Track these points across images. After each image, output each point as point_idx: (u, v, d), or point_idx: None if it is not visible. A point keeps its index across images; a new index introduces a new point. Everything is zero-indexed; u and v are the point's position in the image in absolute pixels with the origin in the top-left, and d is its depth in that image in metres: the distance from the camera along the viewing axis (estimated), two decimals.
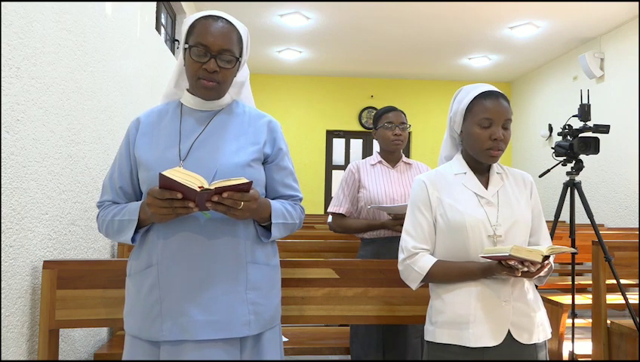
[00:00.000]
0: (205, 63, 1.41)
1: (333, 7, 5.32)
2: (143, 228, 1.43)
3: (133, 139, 1.49)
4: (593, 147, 2.87)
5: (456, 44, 6.47)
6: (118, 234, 1.44)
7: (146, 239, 1.45)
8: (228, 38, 1.42)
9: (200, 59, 1.41)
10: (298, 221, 1.57)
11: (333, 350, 2.64)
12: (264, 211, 1.44)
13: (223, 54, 1.42)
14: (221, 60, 1.42)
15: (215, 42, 1.40)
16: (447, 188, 1.57)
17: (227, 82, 1.47)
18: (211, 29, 1.41)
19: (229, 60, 1.43)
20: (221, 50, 1.41)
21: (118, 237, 1.45)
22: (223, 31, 1.42)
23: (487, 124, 1.51)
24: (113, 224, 1.44)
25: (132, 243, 1.44)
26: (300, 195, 1.60)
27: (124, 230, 1.42)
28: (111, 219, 1.45)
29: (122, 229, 1.42)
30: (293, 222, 1.53)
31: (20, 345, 1.91)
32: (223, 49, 1.41)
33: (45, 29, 2.05)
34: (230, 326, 1.38)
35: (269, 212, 1.45)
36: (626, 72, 5.55)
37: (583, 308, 3.35)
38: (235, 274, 1.41)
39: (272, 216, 1.45)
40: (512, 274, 1.38)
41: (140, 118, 1.53)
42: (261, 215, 1.44)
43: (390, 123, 2.50)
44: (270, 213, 1.45)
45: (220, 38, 1.41)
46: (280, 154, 1.55)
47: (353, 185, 2.51)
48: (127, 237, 1.42)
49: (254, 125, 1.53)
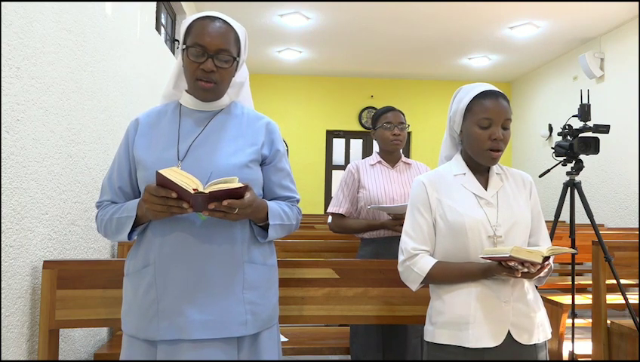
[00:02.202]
0: (203, 63, 1.41)
1: (333, 7, 5.32)
2: (141, 226, 1.44)
3: (132, 140, 1.50)
4: (593, 147, 2.87)
5: (456, 44, 6.47)
6: (117, 232, 1.45)
7: (143, 239, 1.46)
8: (225, 38, 1.43)
9: (197, 60, 1.41)
10: (295, 222, 1.57)
11: (333, 350, 2.64)
12: (260, 212, 1.44)
13: (220, 54, 1.42)
14: (218, 60, 1.42)
15: (212, 42, 1.41)
16: (446, 189, 1.57)
17: (225, 82, 1.47)
18: (208, 29, 1.42)
19: (227, 60, 1.43)
20: (218, 50, 1.41)
21: (117, 235, 1.45)
22: (220, 31, 1.42)
23: (486, 123, 1.51)
24: (112, 222, 1.45)
25: (129, 240, 1.44)
26: (297, 196, 1.60)
27: (122, 227, 1.42)
28: (109, 217, 1.46)
29: (120, 227, 1.43)
30: (290, 223, 1.54)
31: (20, 345, 1.91)
32: (220, 49, 1.41)
33: (45, 29, 2.05)
34: (227, 325, 1.38)
35: (265, 212, 1.45)
36: (626, 72, 5.55)
37: (583, 308, 3.35)
38: (232, 274, 1.41)
39: (268, 217, 1.45)
40: (512, 274, 1.38)
41: (138, 119, 1.54)
42: (257, 216, 1.44)
43: (389, 123, 2.50)
44: (267, 214, 1.45)
45: (217, 38, 1.41)
46: (277, 156, 1.55)
47: (353, 186, 2.51)
48: (125, 234, 1.42)
49: (253, 127, 1.53)
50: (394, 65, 7.52)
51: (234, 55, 1.45)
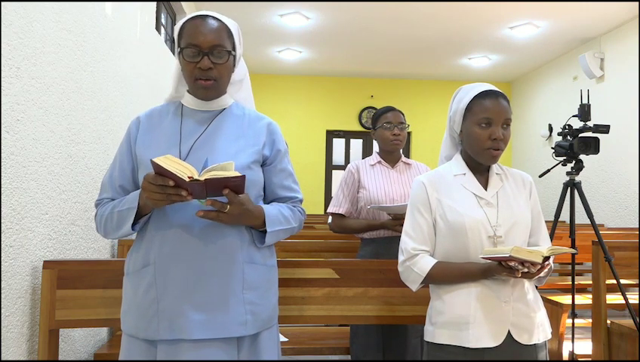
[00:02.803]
0: (199, 62, 1.41)
1: (333, 7, 5.32)
2: (144, 218, 1.43)
3: (134, 138, 1.50)
4: (593, 147, 2.87)
5: (456, 44, 6.47)
6: (118, 227, 1.42)
7: (143, 238, 1.45)
8: (217, 34, 1.43)
9: (193, 59, 1.42)
10: (297, 224, 1.56)
11: (333, 350, 2.64)
12: (255, 219, 1.42)
13: (214, 50, 1.42)
14: (214, 56, 1.42)
15: (205, 40, 1.41)
16: (446, 189, 1.57)
17: (224, 78, 1.47)
18: (200, 28, 1.42)
19: (222, 55, 1.44)
20: (212, 47, 1.42)
21: (117, 230, 1.43)
22: (211, 28, 1.43)
23: (486, 123, 1.51)
24: (112, 217, 1.43)
25: (133, 231, 1.43)
26: (299, 196, 1.60)
27: (124, 220, 1.40)
28: (110, 212, 1.44)
29: (122, 219, 1.41)
30: (290, 226, 1.53)
31: (20, 345, 1.91)
32: (213, 45, 1.42)
33: (45, 29, 2.05)
34: (227, 325, 1.38)
35: (262, 219, 1.44)
36: (626, 72, 5.55)
37: (583, 308, 3.35)
38: (232, 274, 1.41)
39: (266, 224, 1.44)
40: (512, 274, 1.38)
41: (140, 117, 1.54)
42: (252, 222, 1.43)
43: (389, 123, 2.50)
44: (264, 220, 1.44)
45: (210, 35, 1.42)
46: (278, 156, 1.55)
47: (353, 186, 2.51)
48: (127, 226, 1.40)
49: (254, 127, 1.53)
50: (394, 65, 7.52)
51: (228, 49, 1.45)
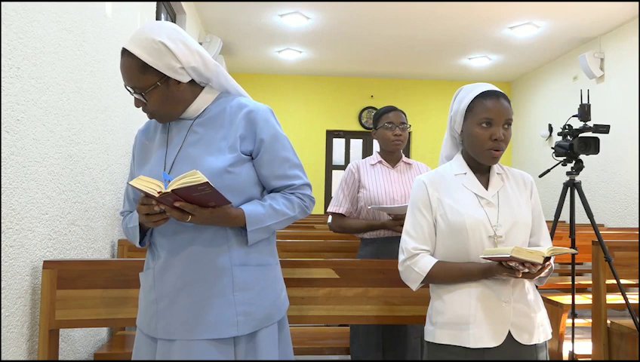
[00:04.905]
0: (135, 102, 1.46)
1: (333, 7, 5.32)
2: (148, 233, 1.52)
3: (134, 155, 1.59)
4: (593, 147, 2.87)
5: (456, 44, 6.47)
6: (133, 240, 1.53)
7: (151, 239, 1.54)
8: (128, 74, 1.40)
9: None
10: (296, 212, 1.51)
11: (334, 350, 2.64)
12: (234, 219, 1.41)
13: (135, 90, 1.42)
14: (137, 94, 1.42)
15: (126, 81, 1.41)
16: (447, 189, 1.57)
17: (161, 105, 1.43)
18: (122, 69, 1.41)
19: (140, 93, 1.41)
20: (132, 88, 1.41)
21: (135, 242, 1.53)
22: (125, 67, 1.40)
23: (487, 124, 1.51)
24: (128, 231, 1.55)
25: (142, 246, 1.53)
26: (296, 183, 1.51)
27: (133, 237, 1.51)
28: (125, 227, 1.56)
29: (132, 236, 1.53)
30: (284, 217, 1.48)
31: (20, 345, 1.91)
32: (131, 86, 1.41)
33: (45, 29, 2.05)
34: (218, 326, 1.40)
35: (242, 222, 1.42)
36: (626, 72, 5.55)
37: (583, 308, 3.35)
38: (219, 277, 1.42)
39: (246, 224, 1.42)
40: (513, 275, 1.38)
41: (138, 132, 1.61)
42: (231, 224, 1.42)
43: (390, 123, 2.50)
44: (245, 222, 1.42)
45: (125, 77, 1.41)
46: (263, 146, 1.46)
47: (353, 185, 2.51)
48: (136, 242, 1.52)
49: (234, 122, 1.47)
50: (394, 65, 7.52)
51: (144, 84, 1.39)
